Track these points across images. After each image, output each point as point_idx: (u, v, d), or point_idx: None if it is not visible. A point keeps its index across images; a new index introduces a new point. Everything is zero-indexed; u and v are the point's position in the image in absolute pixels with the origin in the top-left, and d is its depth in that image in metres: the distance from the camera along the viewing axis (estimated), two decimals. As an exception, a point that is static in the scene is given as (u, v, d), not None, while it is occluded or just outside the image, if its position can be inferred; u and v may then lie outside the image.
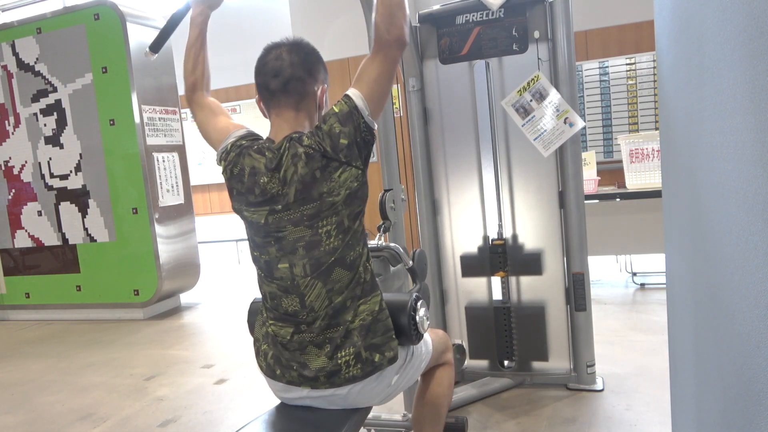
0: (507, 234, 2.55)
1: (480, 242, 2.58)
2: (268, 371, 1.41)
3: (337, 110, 1.31)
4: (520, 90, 2.36)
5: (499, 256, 2.54)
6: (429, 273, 2.62)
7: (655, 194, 3.65)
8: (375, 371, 1.33)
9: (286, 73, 1.34)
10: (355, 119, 1.30)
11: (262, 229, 1.36)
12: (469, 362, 2.69)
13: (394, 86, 1.35)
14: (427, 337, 1.57)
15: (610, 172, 4.83)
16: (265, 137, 1.41)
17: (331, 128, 1.29)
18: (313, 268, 1.32)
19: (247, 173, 1.34)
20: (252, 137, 1.42)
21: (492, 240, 2.57)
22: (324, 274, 1.31)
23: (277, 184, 1.31)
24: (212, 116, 1.51)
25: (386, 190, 2.03)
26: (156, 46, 1.56)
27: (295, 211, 1.30)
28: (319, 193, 1.28)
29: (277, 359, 1.38)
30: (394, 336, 1.36)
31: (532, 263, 2.50)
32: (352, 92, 1.32)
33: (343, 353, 1.31)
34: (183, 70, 1.55)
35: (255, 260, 1.42)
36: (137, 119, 4.42)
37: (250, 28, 6.24)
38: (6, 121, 4.84)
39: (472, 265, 2.60)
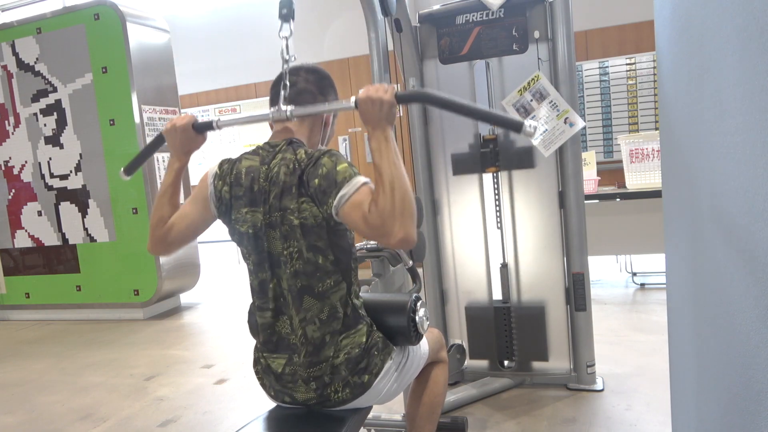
0: (506, 223, 2.55)
1: (480, 250, 2.58)
2: (265, 390, 1.45)
3: (336, 166, 1.24)
4: (520, 90, 2.36)
5: (491, 152, 2.49)
6: (429, 272, 2.62)
7: (655, 194, 3.65)
8: (365, 390, 1.34)
9: (299, 86, 1.40)
10: (327, 193, 1.23)
11: (259, 237, 1.32)
12: (469, 362, 2.69)
13: (395, 85, 1.30)
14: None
15: (610, 172, 4.84)
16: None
17: (319, 164, 1.26)
18: (290, 286, 1.31)
19: (244, 173, 1.34)
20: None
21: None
22: (296, 300, 1.30)
23: (265, 179, 1.31)
24: (187, 210, 1.43)
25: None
26: (130, 169, 1.60)
27: (271, 215, 1.29)
28: (285, 206, 1.27)
29: (271, 386, 1.41)
30: (375, 352, 1.35)
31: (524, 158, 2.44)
32: (342, 192, 1.21)
33: (332, 388, 1.32)
34: (152, 218, 1.44)
35: (252, 287, 1.40)
36: (137, 119, 4.42)
37: (250, 28, 6.24)
38: (6, 121, 4.84)
39: (463, 161, 2.53)
